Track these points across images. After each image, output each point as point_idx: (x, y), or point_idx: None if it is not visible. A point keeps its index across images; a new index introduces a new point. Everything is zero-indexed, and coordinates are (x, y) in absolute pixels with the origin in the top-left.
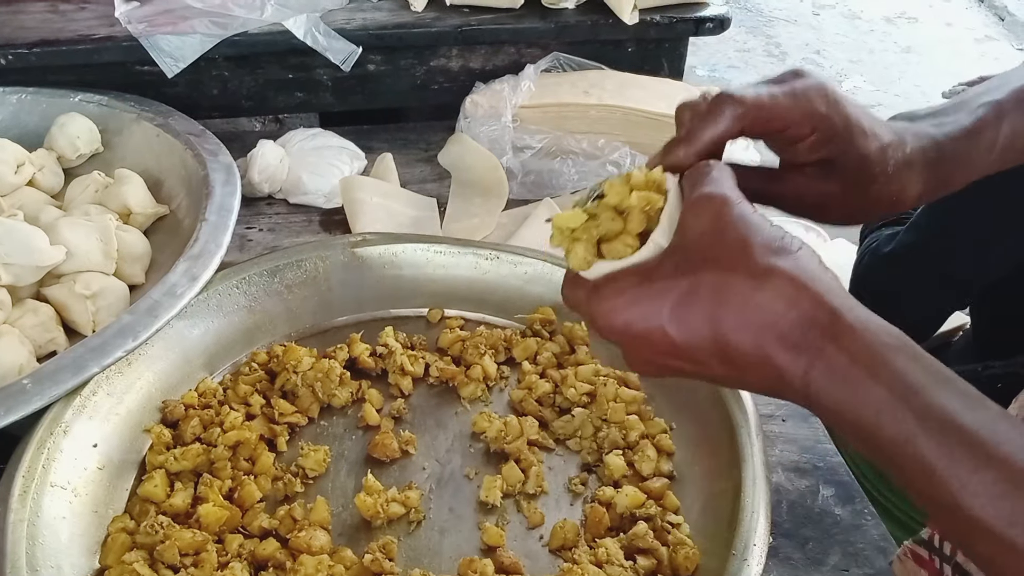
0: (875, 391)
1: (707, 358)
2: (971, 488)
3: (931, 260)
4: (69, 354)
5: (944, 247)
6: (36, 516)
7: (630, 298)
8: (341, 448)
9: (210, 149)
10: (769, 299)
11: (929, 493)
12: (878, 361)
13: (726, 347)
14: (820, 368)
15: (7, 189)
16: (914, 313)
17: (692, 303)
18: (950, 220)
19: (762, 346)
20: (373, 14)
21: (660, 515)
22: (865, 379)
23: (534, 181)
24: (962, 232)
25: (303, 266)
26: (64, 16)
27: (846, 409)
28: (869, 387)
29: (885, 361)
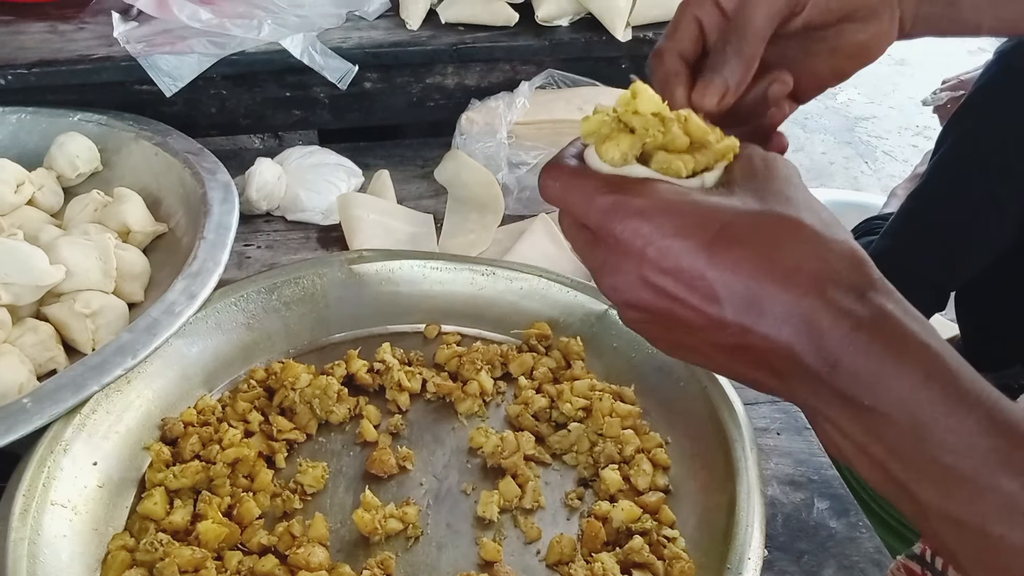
0: (929, 363)
1: (727, 297)
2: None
3: (907, 263)
4: (69, 372)
5: (917, 250)
6: (37, 534)
7: (673, 203)
8: (339, 464)
9: (208, 167)
10: (833, 258)
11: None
12: (932, 336)
13: (762, 293)
14: (869, 331)
15: (7, 208)
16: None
17: (745, 235)
18: (921, 223)
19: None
20: (369, 32)
21: (656, 529)
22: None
23: (530, 197)
24: (933, 234)
25: (301, 283)
26: (63, 36)
27: (887, 373)
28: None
29: (939, 337)
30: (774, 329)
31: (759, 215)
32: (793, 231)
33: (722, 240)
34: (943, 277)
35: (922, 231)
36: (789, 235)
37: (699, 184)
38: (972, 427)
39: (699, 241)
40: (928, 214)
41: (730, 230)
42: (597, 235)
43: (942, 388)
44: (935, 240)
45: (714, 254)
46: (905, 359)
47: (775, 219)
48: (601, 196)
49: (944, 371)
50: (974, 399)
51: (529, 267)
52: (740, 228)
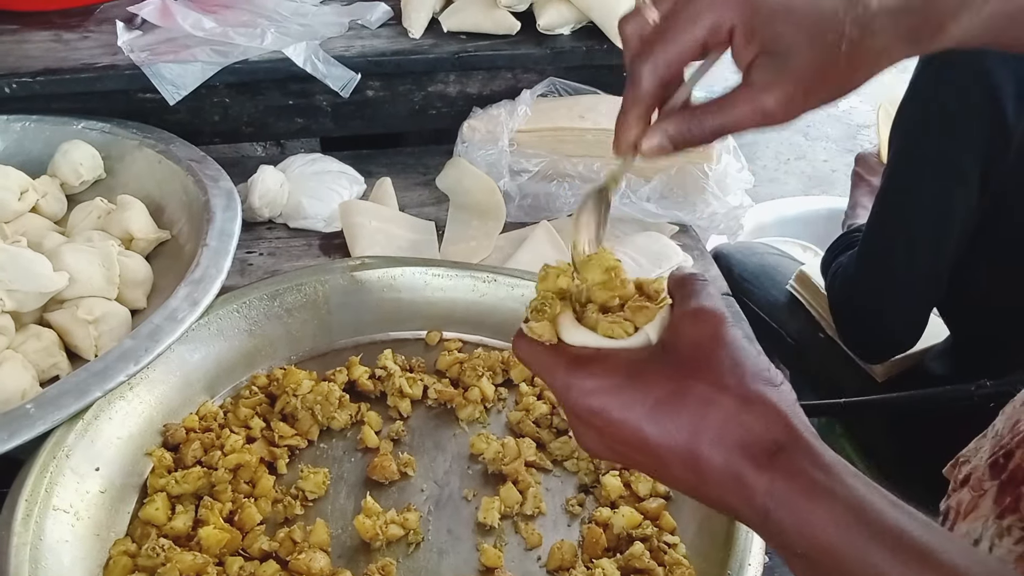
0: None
1: (673, 461)
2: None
3: (893, 265)
4: (72, 379)
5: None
6: (39, 539)
7: (615, 384)
8: (340, 470)
9: (211, 175)
10: (751, 421)
11: None
12: (837, 483)
13: (697, 456)
14: (783, 486)
15: (11, 215)
16: (896, 320)
17: (675, 407)
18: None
19: (734, 462)
20: (372, 41)
21: (656, 535)
22: (826, 496)
23: (531, 204)
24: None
25: (303, 290)
26: (67, 45)
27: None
28: (829, 504)
29: (844, 483)
30: (714, 488)
31: (686, 385)
32: (714, 399)
33: (658, 412)
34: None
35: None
36: (712, 403)
37: (644, 339)
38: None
39: (640, 414)
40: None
41: (664, 403)
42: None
43: (849, 531)
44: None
45: (653, 424)
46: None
47: (701, 388)
48: (558, 376)
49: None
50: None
51: (530, 274)
52: (672, 400)
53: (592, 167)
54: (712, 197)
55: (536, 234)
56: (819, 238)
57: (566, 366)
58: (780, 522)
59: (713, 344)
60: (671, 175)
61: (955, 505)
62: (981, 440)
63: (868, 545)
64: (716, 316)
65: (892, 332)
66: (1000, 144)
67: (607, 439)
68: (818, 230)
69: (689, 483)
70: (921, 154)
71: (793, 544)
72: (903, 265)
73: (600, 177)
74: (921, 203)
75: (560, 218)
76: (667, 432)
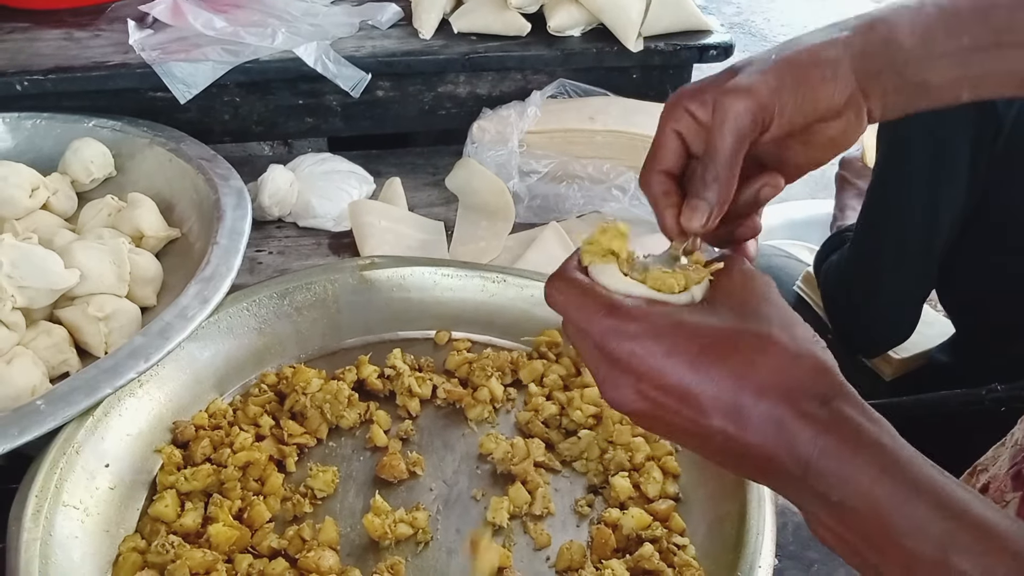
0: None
1: (713, 409)
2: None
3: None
4: (82, 375)
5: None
6: (49, 535)
7: (660, 328)
8: (349, 469)
9: (221, 173)
10: (800, 373)
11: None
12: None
13: (741, 404)
14: (830, 434)
15: (22, 213)
16: (888, 314)
17: (722, 354)
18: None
19: (779, 410)
20: (382, 41)
21: (666, 537)
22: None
23: (540, 205)
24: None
25: (312, 289)
26: (79, 43)
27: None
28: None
29: (892, 435)
30: (754, 436)
31: (736, 333)
32: (765, 347)
33: (705, 358)
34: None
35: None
36: (762, 351)
37: (689, 299)
38: (924, 513)
39: (685, 360)
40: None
41: (711, 349)
42: (597, 348)
43: (893, 480)
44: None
45: (698, 371)
46: (862, 457)
47: (750, 336)
48: (601, 318)
49: (895, 464)
50: (925, 487)
51: (540, 274)
52: (720, 346)
53: (602, 168)
54: None
55: (545, 235)
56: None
57: (607, 310)
58: (822, 470)
59: (762, 301)
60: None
61: None
62: (999, 449)
63: (910, 496)
64: (764, 277)
65: (885, 326)
66: (990, 131)
67: (645, 385)
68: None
69: (726, 433)
70: (910, 145)
71: (831, 492)
72: (894, 260)
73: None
74: (911, 195)
75: (569, 219)
76: (711, 378)
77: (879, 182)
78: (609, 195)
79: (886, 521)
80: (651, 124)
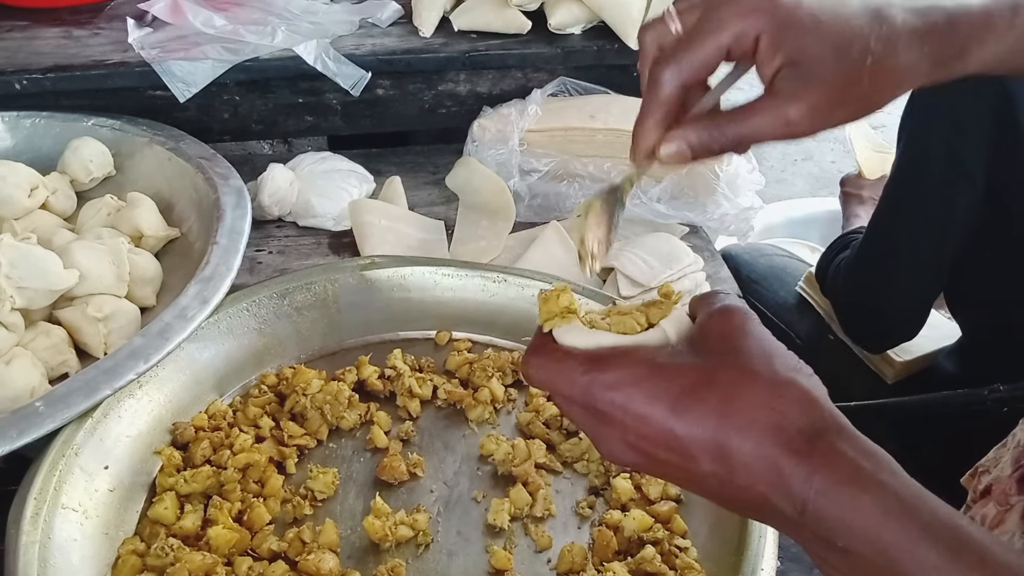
0: (885, 498)
1: (700, 453)
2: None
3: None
4: (81, 376)
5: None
6: (48, 538)
7: (637, 375)
8: (350, 470)
9: (221, 173)
10: (783, 406)
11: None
12: (885, 472)
13: (726, 444)
14: (825, 473)
15: (21, 212)
16: (896, 313)
17: (703, 394)
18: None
19: (767, 448)
20: (382, 40)
21: (668, 539)
22: (874, 486)
23: (541, 204)
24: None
25: (312, 289)
26: (78, 42)
27: (850, 515)
28: (879, 494)
29: (892, 472)
30: (745, 478)
31: (714, 372)
32: (745, 384)
33: (684, 400)
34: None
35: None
36: (742, 388)
37: (662, 335)
38: (937, 561)
39: (665, 404)
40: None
41: (691, 390)
42: (584, 408)
43: (901, 525)
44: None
45: (679, 414)
46: (862, 499)
47: (728, 372)
48: (579, 376)
49: (901, 507)
50: (937, 532)
51: (540, 274)
52: (699, 387)
53: (603, 167)
54: (723, 198)
55: (546, 234)
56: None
57: (583, 367)
58: (821, 513)
59: (740, 335)
60: (682, 176)
61: (979, 518)
62: (1000, 450)
63: (922, 540)
64: (742, 311)
65: (894, 324)
66: (1009, 147)
67: (631, 437)
68: (825, 231)
69: (718, 477)
70: (928, 152)
71: (833, 536)
72: (905, 261)
73: (612, 178)
74: (926, 200)
75: (570, 218)
76: (694, 421)
77: (894, 185)
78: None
79: (899, 569)
80: None
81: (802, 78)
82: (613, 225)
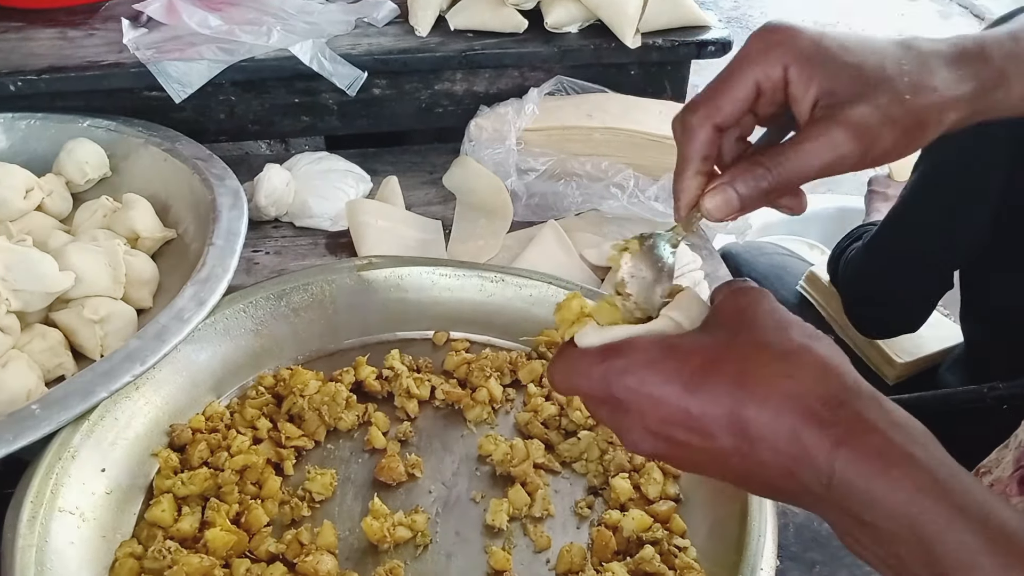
0: (917, 473)
1: (718, 429)
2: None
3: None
4: (77, 379)
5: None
6: (44, 541)
7: (650, 358)
8: (348, 472)
9: (217, 173)
10: (802, 373)
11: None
12: (917, 445)
13: (744, 418)
14: (851, 445)
15: (16, 214)
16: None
17: (717, 369)
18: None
19: (786, 418)
20: (378, 39)
21: (667, 539)
22: (904, 460)
23: (538, 203)
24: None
25: (309, 289)
26: (73, 43)
27: (879, 489)
28: (910, 468)
29: (924, 446)
30: (767, 452)
31: (726, 346)
32: (759, 352)
33: (699, 377)
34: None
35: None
36: (755, 357)
37: (671, 323)
38: (971, 545)
39: (680, 383)
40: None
41: (704, 367)
42: (605, 402)
43: (933, 502)
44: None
45: (695, 392)
46: (891, 474)
47: (741, 346)
48: (595, 368)
49: (932, 483)
50: (971, 514)
51: (538, 274)
52: (712, 362)
53: (600, 166)
54: None
55: (543, 233)
56: (826, 237)
57: (599, 359)
58: (847, 486)
59: (753, 309)
60: None
61: None
62: (1003, 451)
63: (954, 518)
64: (756, 289)
65: (895, 315)
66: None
67: (650, 422)
68: (825, 229)
69: (740, 452)
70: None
71: (860, 511)
72: (914, 256)
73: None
74: (942, 206)
75: (568, 217)
76: (709, 397)
77: (910, 198)
78: (607, 193)
79: (931, 547)
80: (649, 121)
81: (842, 103)
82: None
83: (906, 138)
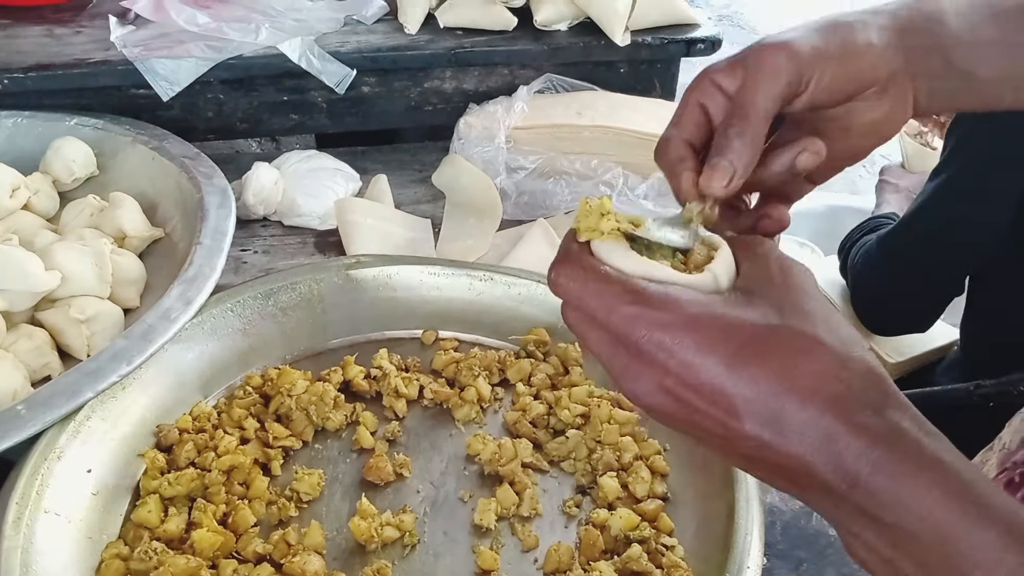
0: (945, 477)
1: (748, 413)
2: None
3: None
4: (64, 379)
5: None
6: (30, 543)
7: (693, 318)
8: (335, 472)
9: (205, 172)
10: (850, 378)
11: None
12: (945, 451)
13: (782, 411)
14: (884, 448)
15: (2, 213)
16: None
17: (763, 353)
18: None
19: (825, 419)
20: (367, 37)
21: (654, 537)
22: (934, 464)
23: (528, 202)
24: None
25: (297, 288)
26: (60, 40)
27: (906, 491)
28: (939, 472)
29: (953, 452)
30: (793, 446)
31: (778, 331)
32: (811, 349)
33: (742, 356)
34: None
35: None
36: (808, 353)
37: (711, 279)
38: (995, 543)
39: (720, 357)
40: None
41: (750, 346)
42: (616, 338)
43: (961, 504)
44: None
45: (734, 370)
46: (922, 475)
47: (794, 336)
48: (624, 306)
49: (961, 486)
50: (995, 514)
51: (527, 272)
52: (760, 344)
53: (589, 164)
54: None
55: (533, 232)
56: (816, 235)
57: (632, 297)
58: (874, 487)
59: (803, 295)
60: None
61: None
62: (988, 453)
63: (978, 522)
64: (802, 267)
65: (906, 316)
66: None
67: (670, 381)
68: (815, 227)
69: (760, 440)
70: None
71: (883, 512)
72: (932, 263)
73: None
74: (965, 210)
75: (557, 215)
76: (749, 379)
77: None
78: (597, 191)
79: (951, 549)
80: (638, 119)
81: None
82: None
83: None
